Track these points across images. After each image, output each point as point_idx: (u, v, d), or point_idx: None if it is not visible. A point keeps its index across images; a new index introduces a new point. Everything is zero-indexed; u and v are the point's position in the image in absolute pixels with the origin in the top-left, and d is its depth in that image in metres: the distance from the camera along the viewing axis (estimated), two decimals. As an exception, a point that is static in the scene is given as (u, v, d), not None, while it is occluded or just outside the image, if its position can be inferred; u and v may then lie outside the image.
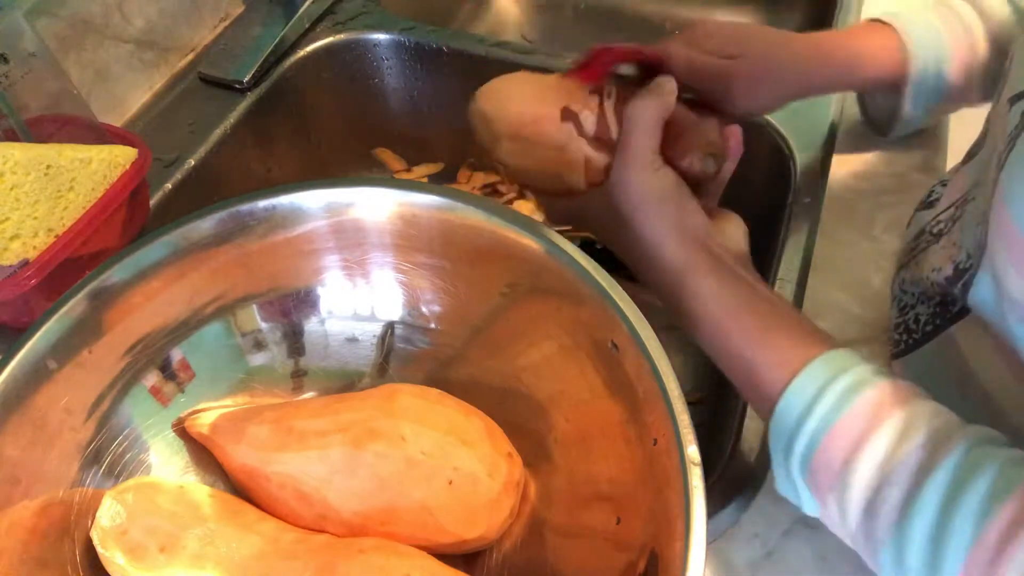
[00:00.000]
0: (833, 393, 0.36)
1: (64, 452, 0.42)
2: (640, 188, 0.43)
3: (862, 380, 0.36)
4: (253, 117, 0.69)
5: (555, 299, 0.45)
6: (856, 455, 0.35)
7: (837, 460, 0.36)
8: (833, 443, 0.36)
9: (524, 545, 0.45)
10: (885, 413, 0.35)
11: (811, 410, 0.37)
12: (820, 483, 0.37)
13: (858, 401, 0.36)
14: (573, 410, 0.46)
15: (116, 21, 0.64)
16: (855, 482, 0.35)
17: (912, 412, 0.35)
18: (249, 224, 0.46)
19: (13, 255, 0.47)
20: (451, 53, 0.74)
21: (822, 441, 0.36)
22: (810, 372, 0.37)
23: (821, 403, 0.36)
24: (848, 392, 0.36)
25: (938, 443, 0.34)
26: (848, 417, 0.36)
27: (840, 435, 0.36)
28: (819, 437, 0.36)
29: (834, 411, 0.36)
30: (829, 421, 0.36)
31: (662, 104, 0.44)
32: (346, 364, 0.52)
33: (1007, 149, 0.37)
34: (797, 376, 0.37)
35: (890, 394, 0.36)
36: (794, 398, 0.37)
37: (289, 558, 0.41)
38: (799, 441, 0.37)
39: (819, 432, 0.36)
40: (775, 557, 0.44)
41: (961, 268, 0.43)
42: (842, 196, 0.61)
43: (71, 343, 0.41)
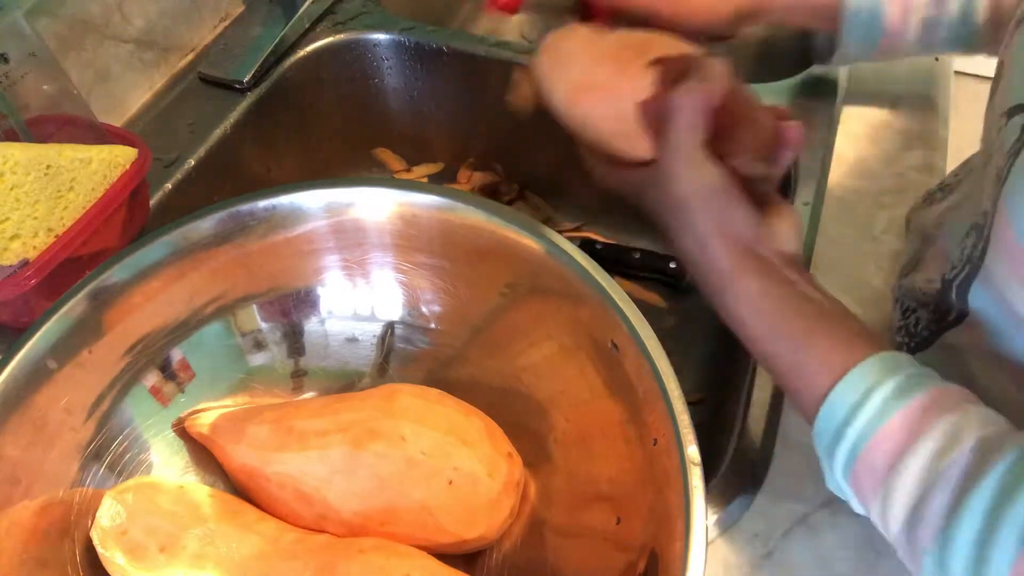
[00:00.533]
0: (879, 397, 0.35)
1: (64, 452, 0.42)
2: (684, 184, 0.41)
3: (909, 384, 0.35)
4: (253, 117, 0.69)
5: (555, 299, 0.45)
6: (901, 461, 0.34)
7: (881, 465, 0.35)
8: (877, 448, 0.35)
9: (524, 545, 0.45)
10: (932, 418, 0.34)
11: (855, 415, 0.36)
12: (863, 487, 0.36)
13: (903, 406, 0.35)
14: (573, 410, 0.46)
15: (116, 21, 0.64)
16: (899, 488, 0.34)
17: (961, 418, 0.34)
18: (249, 224, 0.46)
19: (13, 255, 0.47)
20: (451, 53, 0.74)
21: (865, 446, 0.35)
22: (855, 375, 0.36)
23: (865, 408, 0.35)
24: (894, 396, 0.35)
25: (987, 450, 0.32)
26: (893, 422, 0.35)
27: (884, 440, 0.35)
28: (862, 442, 0.35)
29: (878, 416, 0.35)
30: (873, 426, 0.35)
31: (709, 93, 0.41)
32: (346, 364, 0.52)
33: (1007, 164, 0.36)
34: (842, 379, 0.36)
35: (938, 399, 0.35)
36: (838, 402, 0.36)
37: (289, 558, 0.41)
38: (842, 446, 0.36)
39: (863, 437, 0.35)
40: (775, 557, 0.44)
41: (947, 280, 0.42)
42: (842, 196, 0.61)
43: (71, 343, 0.41)
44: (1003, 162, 0.37)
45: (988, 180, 0.39)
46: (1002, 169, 0.37)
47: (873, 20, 0.55)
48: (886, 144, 0.64)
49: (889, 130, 0.66)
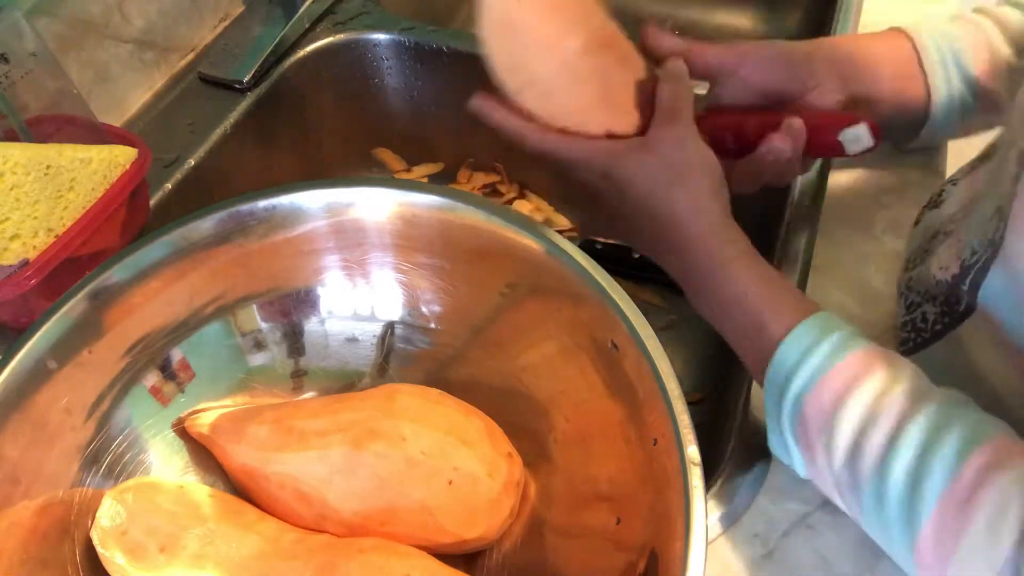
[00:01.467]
0: (828, 343, 0.39)
1: (64, 452, 0.42)
2: (687, 152, 0.46)
3: (853, 335, 0.40)
4: (253, 117, 0.69)
5: (555, 299, 0.45)
6: (845, 399, 0.37)
7: (828, 403, 0.38)
8: (826, 387, 0.38)
9: (524, 545, 0.45)
10: (875, 363, 0.38)
11: (807, 357, 0.39)
12: (809, 429, 0.39)
13: (850, 352, 0.38)
14: (573, 410, 0.46)
15: (116, 21, 0.64)
16: (843, 424, 0.37)
17: (899, 366, 0.38)
18: (249, 224, 0.46)
19: (13, 255, 0.47)
20: (451, 53, 0.74)
21: (815, 386, 0.38)
22: (808, 324, 0.40)
23: (816, 352, 0.39)
24: (841, 344, 0.39)
25: (921, 393, 0.36)
26: (842, 365, 0.38)
27: (833, 380, 0.38)
28: (812, 383, 0.39)
29: (829, 358, 0.38)
30: (823, 367, 0.38)
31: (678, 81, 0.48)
32: (346, 364, 0.52)
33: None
34: (796, 327, 0.40)
35: (879, 351, 0.39)
36: (792, 346, 0.40)
37: (289, 558, 0.41)
38: (792, 387, 0.39)
39: (813, 377, 0.39)
40: (775, 557, 0.44)
41: (967, 265, 0.43)
42: (842, 196, 0.61)
43: (71, 343, 0.41)
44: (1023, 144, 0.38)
45: (1011, 162, 0.39)
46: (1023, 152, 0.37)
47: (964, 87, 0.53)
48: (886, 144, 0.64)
49: (889, 130, 0.66)
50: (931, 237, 0.51)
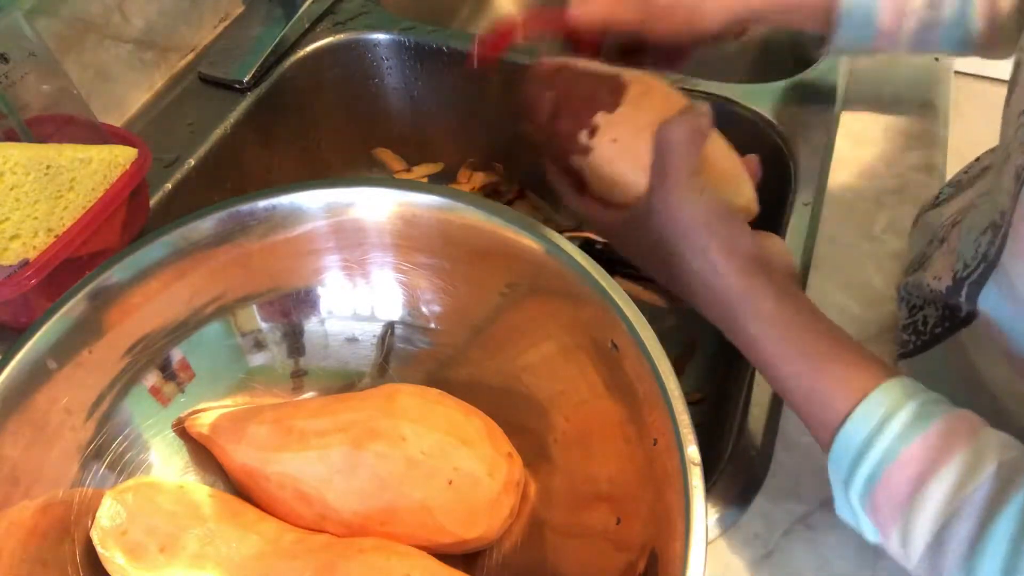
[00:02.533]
0: (898, 422, 0.35)
1: (64, 452, 0.42)
2: (688, 209, 0.41)
3: (926, 410, 0.35)
4: (253, 117, 0.69)
5: (555, 299, 0.45)
6: (922, 489, 0.34)
7: (901, 494, 0.35)
8: (897, 476, 0.35)
9: (524, 545, 0.45)
10: (952, 444, 0.34)
11: (874, 440, 0.35)
12: (882, 516, 0.36)
13: (923, 431, 0.35)
14: (573, 410, 0.46)
15: (116, 21, 0.64)
16: (921, 515, 0.34)
17: (980, 445, 0.34)
18: (249, 224, 0.46)
19: (13, 255, 0.47)
20: (451, 53, 0.74)
21: (885, 472, 0.35)
22: (873, 401, 0.36)
23: (885, 433, 0.35)
24: (913, 421, 0.35)
25: (1008, 476, 0.33)
26: (913, 448, 0.35)
27: (904, 467, 0.35)
28: (881, 470, 0.35)
29: (899, 442, 0.35)
30: (893, 452, 0.35)
31: (696, 125, 0.42)
32: (346, 364, 0.52)
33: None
34: (859, 404, 0.36)
35: (956, 424, 0.35)
36: (856, 427, 0.36)
37: (289, 558, 0.41)
38: (859, 473, 0.36)
39: (881, 465, 0.35)
40: (775, 557, 0.44)
41: (959, 277, 0.42)
42: (842, 196, 0.61)
43: (71, 343, 0.41)
44: (1021, 161, 0.37)
45: (1008, 178, 0.39)
46: (1021, 168, 0.37)
47: (867, 22, 0.54)
48: (886, 144, 0.64)
49: (889, 130, 0.66)
50: (928, 242, 0.51)
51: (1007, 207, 0.38)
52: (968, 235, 0.43)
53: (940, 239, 0.49)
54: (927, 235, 0.52)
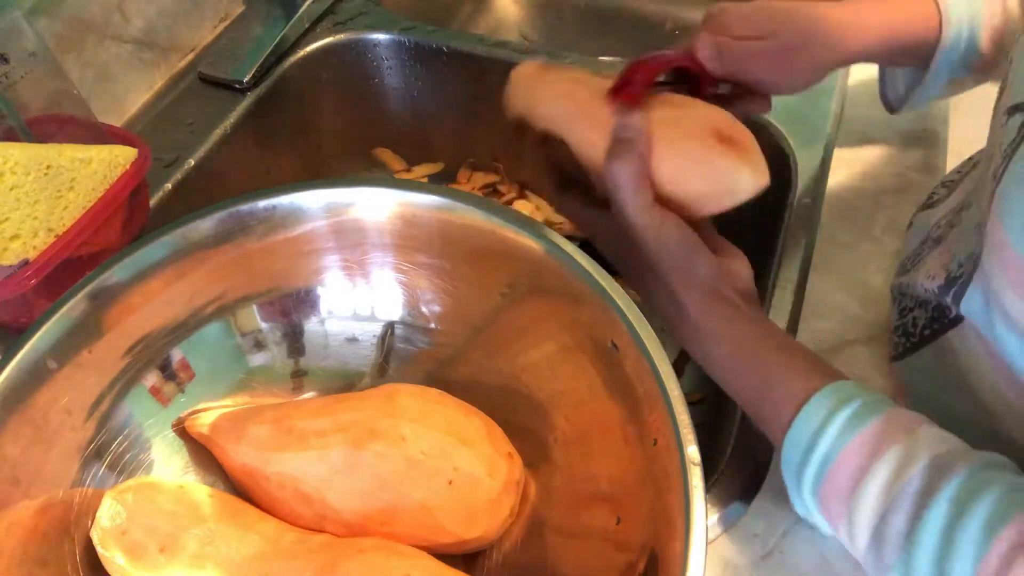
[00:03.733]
0: (838, 422, 0.37)
1: (64, 452, 0.42)
2: (646, 247, 0.43)
3: (865, 410, 0.37)
4: (253, 117, 0.69)
5: (555, 299, 0.45)
6: (860, 484, 0.36)
7: (844, 489, 0.36)
8: (839, 473, 0.36)
9: (524, 545, 0.45)
10: (888, 441, 0.36)
11: (816, 442, 0.37)
12: (831, 509, 0.38)
13: (861, 431, 0.36)
14: (573, 410, 0.46)
15: (116, 21, 0.64)
16: (861, 510, 0.36)
17: (914, 439, 0.35)
18: (249, 224, 0.46)
19: (13, 255, 0.47)
20: (451, 53, 0.74)
21: (829, 469, 0.37)
22: (815, 403, 0.38)
23: (827, 432, 0.37)
24: (851, 422, 0.37)
25: (940, 468, 0.34)
26: (851, 447, 0.36)
27: (845, 462, 0.36)
28: (826, 466, 0.37)
29: (838, 440, 0.37)
30: (835, 449, 0.37)
31: (636, 154, 0.43)
32: (346, 364, 0.52)
33: (1003, 163, 0.36)
34: (802, 408, 0.38)
35: (893, 423, 0.36)
36: (800, 430, 0.38)
37: (289, 558, 0.41)
38: (808, 471, 0.38)
39: (826, 462, 0.37)
40: (775, 557, 0.44)
41: (952, 277, 0.43)
42: (842, 196, 0.61)
43: (71, 343, 0.41)
44: (999, 161, 0.37)
45: (988, 178, 0.39)
46: (998, 168, 0.37)
47: (969, 53, 0.51)
48: (886, 144, 0.64)
49: (889, 130, 0.66)
50: (921, 243, 0.51)
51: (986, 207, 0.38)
52: (964, 235, 0.43)
53: (934, 239, 0.48)
54: (919, 238, 0.52)
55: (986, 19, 0.50)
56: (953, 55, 0.51)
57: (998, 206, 0.36)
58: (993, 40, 0.51)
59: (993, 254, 0.37)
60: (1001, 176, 0.36)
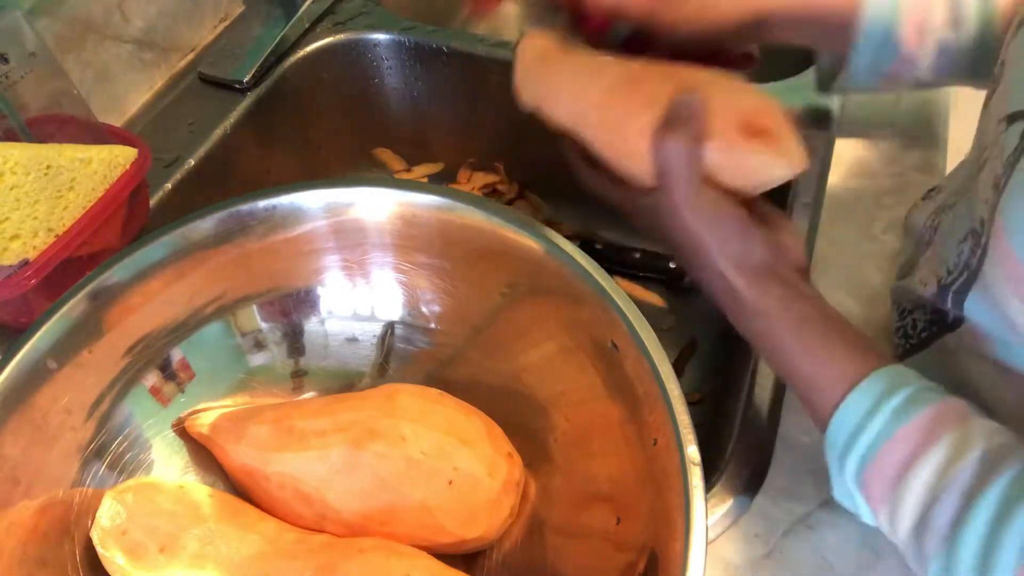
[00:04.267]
0: (889, 407, 0.36)
1: (64, 452, 0.42)
2: (693, 221, 0.41)
3: (918, 396, 0.36)
4: (253, 117, 0.69)
5: (555, 299, 0.45)
6: (909, 471, 0.35)
7: (890, 475, 0.36)
8: (887, 458, 0.36)
9: (524, 545, 0.45)
10: (940, 430, 0.35)
11: (866, 424, 0.37)
12: (873, 494, 0.37)
13: (913, 417, 0.36)
14: (573, 410, 0.46)
15: (116, 21, 0.64)
16: (907, 497, 0.35)
17: (967, 430, 0.35)
18: (249, 224, 0.46)
19: (13, 255, 0.47)
20: (451, 53, 0.74)
21: (876, 455, 0.36)
22: (867, 386, 0.37)
23: (878, 416, 0.36)
24: (904, 407, 0.36)
25: (992, 463, 0.33)
26: (903, 432, 0.36)
27: (894, 450, 0.36)
28: (874, 451, 0.36)
29: (889, 425, 0.36)
30: (884, 435, 0.36)
31: (692, 135, 0.40)
32: (346, 364, 0.52)
33: (1005, 174, 0.36)
34: (854, 389, 0.37)
35: (945, 411, 0.36)
36: (850, 410, 0.37)
37: (289, 558, 0.41)
38: (854, 453, 0.37)
39: (874, 446, 0.36)
40: (775, 557, 0.44)
41: (943, 285, 0.42)
42: (842, 196, 0.61)
43: (71, 343, 0.41)
44: (1001, 171, 0.36)
45: (984, 186, 0.38)
46: (1000, 178, 0.36)
47: (887, 40, 0.50)
48: (886, 144, 0.64)
49: (889, 130, 0.66)
50: (916, 245, 0.51)
51: (986, 216, 0.38)
52: (949, 241, 0.43)
53: (925, 243, 0.48)
54: (914, 236, 0.52)
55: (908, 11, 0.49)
56: (872, 42, 0.50)
57: (1003, 221, 0.35)
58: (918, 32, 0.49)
59: (997, 265, 0.36)
60: (1004, 187, 0.36)
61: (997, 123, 0.39)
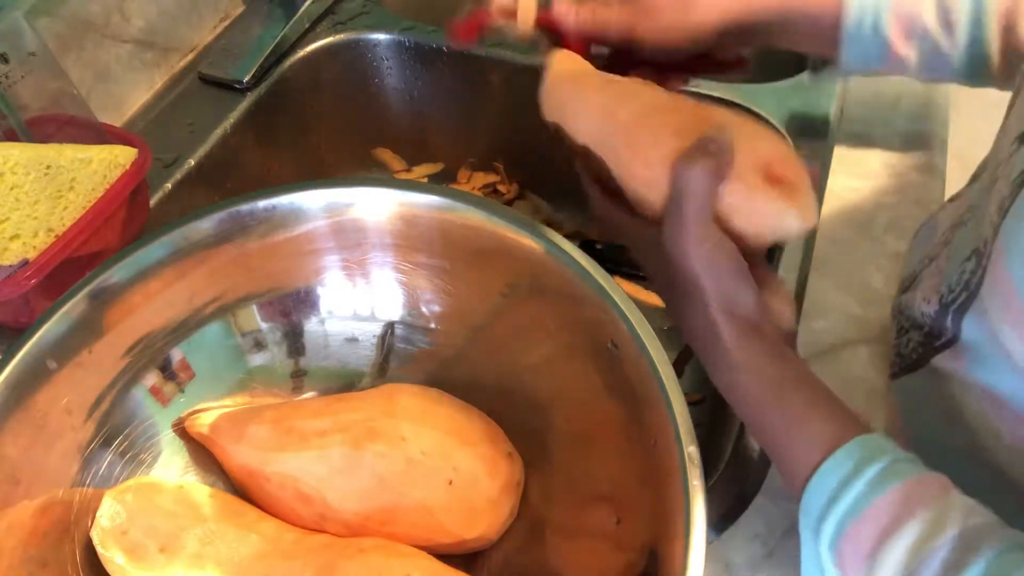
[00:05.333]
0: (867, 476, 0.35)
1: (64, 452, 0.42)
2: (694, 261, 0.39)
3: (896, 468, 0.35)
4: (253, 117, 0.69)
5: (555, 299, 0.45)
6: (885, 543, 0.34)
7: (866, 548, 0.34)
8: (862, 529, 0.35)
9: (524, 545, 0.45)
10: (918, 502, 0.34)
11: (843, 492, 0.35)
12: (847, 567, 0.36)
13: (889, 489, 0.34)
14: (573, 410, 0.46)
15: (116, 21, 0.64)
16: (882, 571, 0.34)
17: (945, 507, 0.34)
18: (249, 224, 0.46)
19: (13, 255, 0.47)
20: (451, 53, 0.74)
21: (850, 527, 0.35)
22: (844, 453, 0.36)
23: (854, 485, 0.35)
24: (881, 478, 0.35)
25: (969, 543, 0.32)
26: (880, 502, 0.34)
27: (870, 520, 0.34)
28: (849, 520, 0.35)
29: (866, 496, 0.35)
30: (861, 505, 0.35)
31: (715, 168, 0.39)
32: (346, 364, 0.52)
33: (1011, 195, 0.35)
34: (830, 457, 0.36)
35: (925, 485, 0.35)
36: (825, 479, 0.36)
37: (289, 558, 0.41)
38: (828, 522, 0.36)
39: (849, 515, 0.35)
40: (775, 557, 0.44)
41: (944, 302, 0.42)
42: (842, 196, 0.62)
43: (71, 343, 0.41)
44: (1007, 192, 0.36)
45: (992, 205, 0.38)
46: (1005, 200, 0.36)
47: (874, 42, 0.50)
48: (886, 144, 0.64)
49: (889, 130, 0.66)
50: (920, 260, 0.51)
51: (989, 237, 0.37)
52: (954, 258, 0.42)
53: (930, 258, 0.48)
54: (921, 251, 0.52)
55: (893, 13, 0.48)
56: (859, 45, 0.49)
57: (1003, 242, 0.35)
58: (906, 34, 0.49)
59: (995, 290, 0.36)
60: (1007, 210, 0.35)
61: (1011, 141, 0.38)
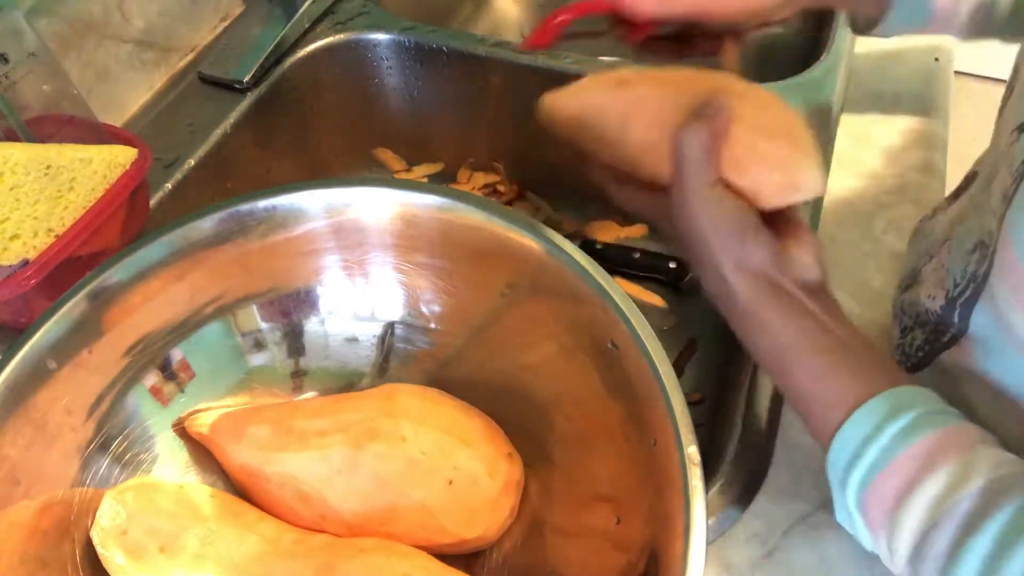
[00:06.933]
0: (892, 429, 0.35)
1: (64, 452, 0.42)
2: (699, 221, 0.40)
3: (922, 420, 0.35)
4: (253, 117, 0.69)
5: (555, 299, 0.45)
6: (908, 495, 0.34)
7: (890, 499, 0.35)
8: (887, 481, 0.35)
9: (524, 545, 0.45)
10: (943, 455, 0.34)
11: (867, 446, 0.36)
12: (873, 519, 0.36)
13: (916, 441, 0.35)
14: (573, 410, 0.46)
15: (116, 21, 0.64)
16: (905, 522, 0.34)
17: (972, 458, 0.34)
18: (249, 224, 0.46)
19: (13, 255, 0.47)
20: (451, 53, 0.74)
21: (876, 477, 0.35)
22: (870, 407, 0.36)
23: (878, 439, 0.35)
24: (908, 430, 0.35)
25: (993, 493, 0.32)
26: (904, 455, 0.35)
27: (894, 474, 0.35)
28: (873, 473, 0.35)
29: (889, 450, 0.35)
30: (885, 458, 0.35)
31: (711, 130, 0.40)
32: (346, 364, 0.52)
33: (1014, 184, 0.35)
34: (856, 410, 0.36)
35: (952, 437, 0.35)
36: (851, 432, 0.36)
37: (289, 558, 0.41)
38: (854, 475, 0.36)
39: (873, 470, 0.35)
40: (775, 557, 0.44)
41: (951, 297, 0.42)
42: (842, 196, 0.61)
43: (71, 343, 0.41)
44: (1010, 181, 0.36)
45: (995, 196, 0.38)
46: (1008, 189, 0.36)
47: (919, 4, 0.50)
48: (886, 144, 0.64)
49: (889, 130, 0.66)
50: (918, 257, 0.51)
51: (994, 228, 0.37)
52: (958, 252, 0.43)
53: (930, 255, 0.48)
54: (921, 249, 0.52)
55: None
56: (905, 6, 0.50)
57: (1009, 229, 0.35)
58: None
59: (1003, 276, 0.36)
60: (1012, 198, 0.35)
61: (1010, 132, 0.38)
